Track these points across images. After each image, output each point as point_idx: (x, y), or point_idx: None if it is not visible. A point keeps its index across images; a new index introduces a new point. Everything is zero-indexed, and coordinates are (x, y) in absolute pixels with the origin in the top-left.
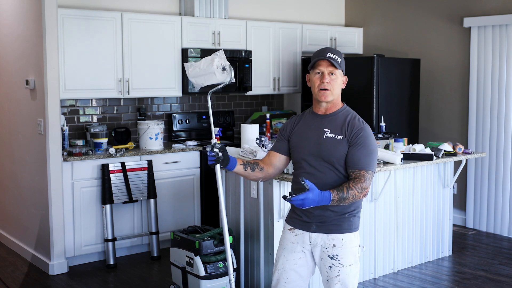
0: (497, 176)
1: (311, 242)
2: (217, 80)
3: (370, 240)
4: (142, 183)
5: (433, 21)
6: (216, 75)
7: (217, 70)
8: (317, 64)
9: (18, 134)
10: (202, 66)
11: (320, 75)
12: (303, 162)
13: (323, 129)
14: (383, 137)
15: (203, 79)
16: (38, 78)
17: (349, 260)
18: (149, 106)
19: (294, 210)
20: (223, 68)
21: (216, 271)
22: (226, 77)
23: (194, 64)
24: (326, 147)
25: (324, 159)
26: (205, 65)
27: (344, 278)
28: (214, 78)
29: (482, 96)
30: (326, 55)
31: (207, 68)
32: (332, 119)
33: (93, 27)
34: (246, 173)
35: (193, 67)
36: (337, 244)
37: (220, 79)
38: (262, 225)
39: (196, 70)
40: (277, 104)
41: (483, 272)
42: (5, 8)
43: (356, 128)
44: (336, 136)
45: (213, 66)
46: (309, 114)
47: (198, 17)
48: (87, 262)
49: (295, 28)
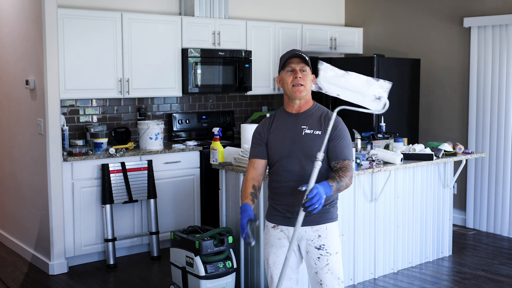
0: (497, 176)
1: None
2: (364, 103)
3: (370, 240)
4: (142, 183)
5: (433, 21)
6: (365, 100)
7: (371, 96)
8: (288, 63)
9: (18, 134)
10: (351, 80)
11: (292, 72)
12: (284, 160)
13: (300, 126)
14: (383, 137)
15: (343, 92)
16: (38, 78)
17: (335, 248)
18: (149, 106)
19: (275, 208)
20: (379, 98)
21: (216, 271)
22: (376, 106)
23: (338, 71)
24: (306, 143)
25: (306, 155)
26: (357, 82)
27: (333, 266)
28: (360, 99)
29: (482, 96)
30: (296, 53)
31: (358, 87)
32: (307, 116)
33: (93, 27)
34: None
35: (336, 74)
36: (322, 234)
37: (370, 106)
38: (262, 225)
39: (339, 79)
40: (277, 104)
41: (483, 272)
42: (5, 8)
43: (330, 121)
44: (314, 132)
45: (369, 91)
46: (281, 114)
47: (198, 17)
48: (87, 262)
49: (295, 28)
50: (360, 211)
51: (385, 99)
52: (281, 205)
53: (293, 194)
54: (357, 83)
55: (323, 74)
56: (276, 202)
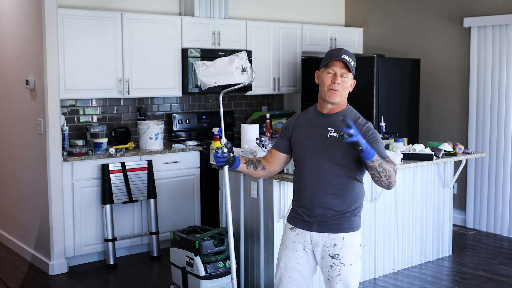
0: (497, 176)
1: (312, 242)
2: (234, 80)
3: (370, 240)
4: (142, 183)
5: (433, 21)
6: (234, 76)
7: (236, 70)
8: (331, 64)
9: (18, 134)
10: (217, 65)
11: (332, 75)
12: (306, 159)
13: (327, 128)
14: (383, 137)
15: (217, 79)
16: (38, 78)
17: (350, 260)
18: (149, 106)
19: (296, 210)
20: (243, 69)
21: (216, 271)
22: (246, 78)
23: (207, 63)
24: (330, 146)
25: (329, 157)
26: (222, 65)
27: (345, 277)
28: (231, 78)
29: (482, 96)
30: (341, 57)
31: (224, 68)
32: (336, 118)
33: (93, 27)
34: (249, 171)
35: (206, 66)
36: (338, 244)
37: (239, 80)
38: (262, 225)
39: (209, 69)
40: (277, 104)
41: (483, 272)
42: (5, 8)
43: (363, 127)
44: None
45: (232, 67)
46: (312, 111)
47: (198, 17)
48: (87, 262)
49: (295, 28)
50: None
51: (249, 68)
52: (301, 207)
53: (313, 197)
54: (223, 65)
55: (198, 72)
56: (297, 204)
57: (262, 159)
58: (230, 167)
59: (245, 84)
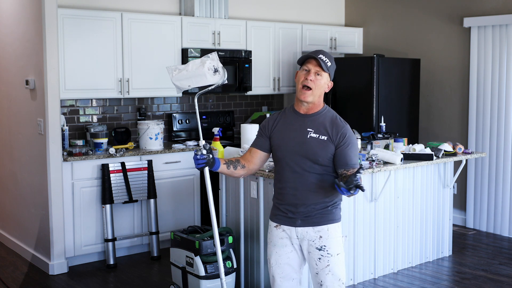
0: (497, 176)
1: (298, 237)
2: (207, 82)
3: (370, 240)
4: (142, 183)
5: (433, 21)
6: (207, 77)
7: (209, 72)
8: (306, 62)
9: (18, 134)
10: (190, 68)
11: (306, 72)
12: (288, 160)
13: (306, 129)
14: (383, 137)
15: (191, 81)
16: (38, 78)
17: (336, 249)
18: (149, 106)
19: (279, 207)
20: (215, 70)
21: (216, 271)
22: (218, 78)
23: (180, 67)
24: (311, 147)
25: (310, 158)
26: (194, 67)
27: (334, 268)
28: (204, 80)
29: (482, 96)
30: (318, 56)
31: (196, 70)
32: (314, 119)
33: (93, 27)
34: (229, 171)
35: (178, 70)
36: (324, 235)
37: (212, 80)
38: (262, 225)
39: (182, 73)
40: (277, 104)
41: (483, 272)
42: (5, 8)
43: (341, 129)
44: (320, 136)
45: (204, 68)
46: (290, 111)
47: (198, 17)
48: (87, 262)
49: (295, 28)
50: (360, 211)
51: (221, 68)
52: (284, 205)
53: (296, 195)
54: (195, 68)
55: (171, 77)
56: (279, 202)
57: (241, 158)
58: (210, 169)
59: (219, 84)
